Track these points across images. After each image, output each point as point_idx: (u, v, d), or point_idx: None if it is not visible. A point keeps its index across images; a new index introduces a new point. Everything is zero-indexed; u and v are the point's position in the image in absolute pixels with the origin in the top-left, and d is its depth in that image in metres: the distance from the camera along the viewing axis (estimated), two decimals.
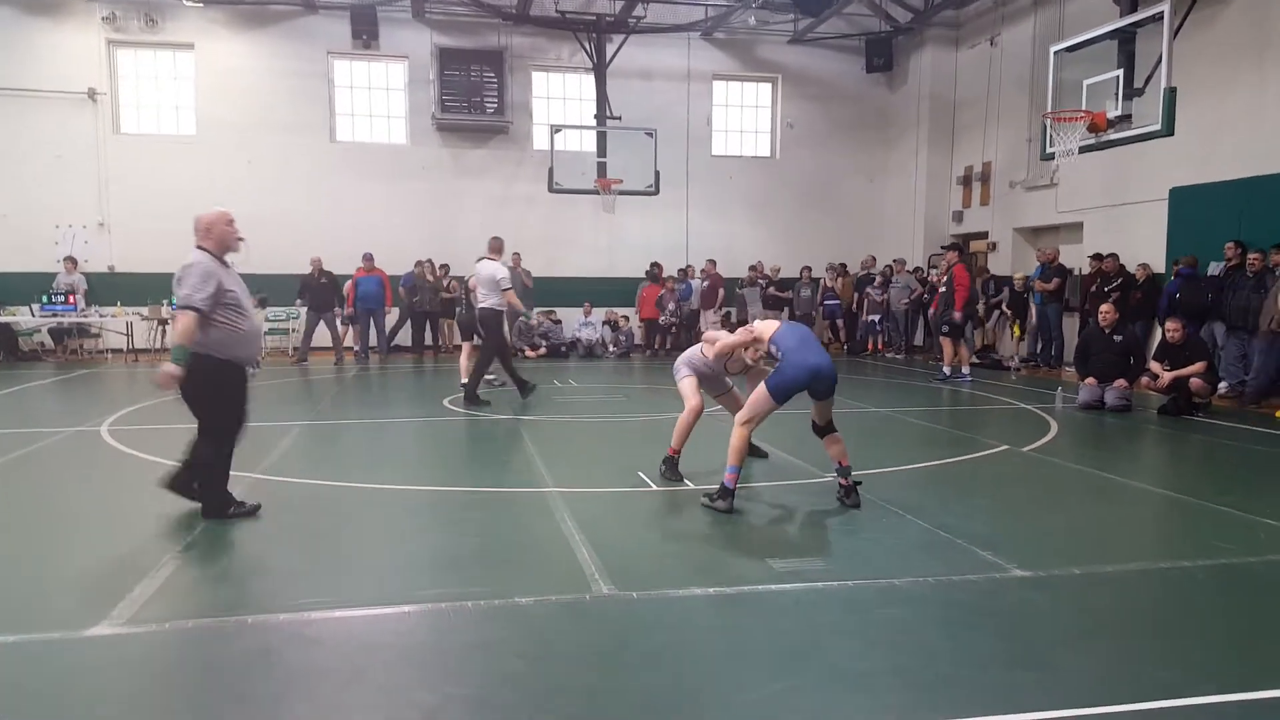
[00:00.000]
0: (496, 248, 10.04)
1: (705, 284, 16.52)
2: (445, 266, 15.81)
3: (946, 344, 12.07)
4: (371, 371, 13.50)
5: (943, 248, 12.85)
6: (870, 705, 2.80)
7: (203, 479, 4.79)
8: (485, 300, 9.50)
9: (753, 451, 6.47)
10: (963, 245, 12.88)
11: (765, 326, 5.46)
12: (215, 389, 4.67)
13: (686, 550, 4.46)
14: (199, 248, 4.74)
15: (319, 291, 14.28)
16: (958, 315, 11.82)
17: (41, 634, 3.26)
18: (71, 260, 14.91)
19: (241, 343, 4.71)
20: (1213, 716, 2.75)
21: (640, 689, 2.91)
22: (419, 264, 15.58)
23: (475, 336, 10.08)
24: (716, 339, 5.90)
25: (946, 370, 11.94)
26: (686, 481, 5.77)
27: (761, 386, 5.11)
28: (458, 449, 7.49)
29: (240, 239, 4.89)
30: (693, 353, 6.10)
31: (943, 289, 12.23)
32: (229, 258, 4.87)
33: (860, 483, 5.33)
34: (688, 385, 5.99)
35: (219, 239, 4.75)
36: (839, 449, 5.30)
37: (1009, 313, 13.91)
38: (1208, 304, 10.64)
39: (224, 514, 4.78)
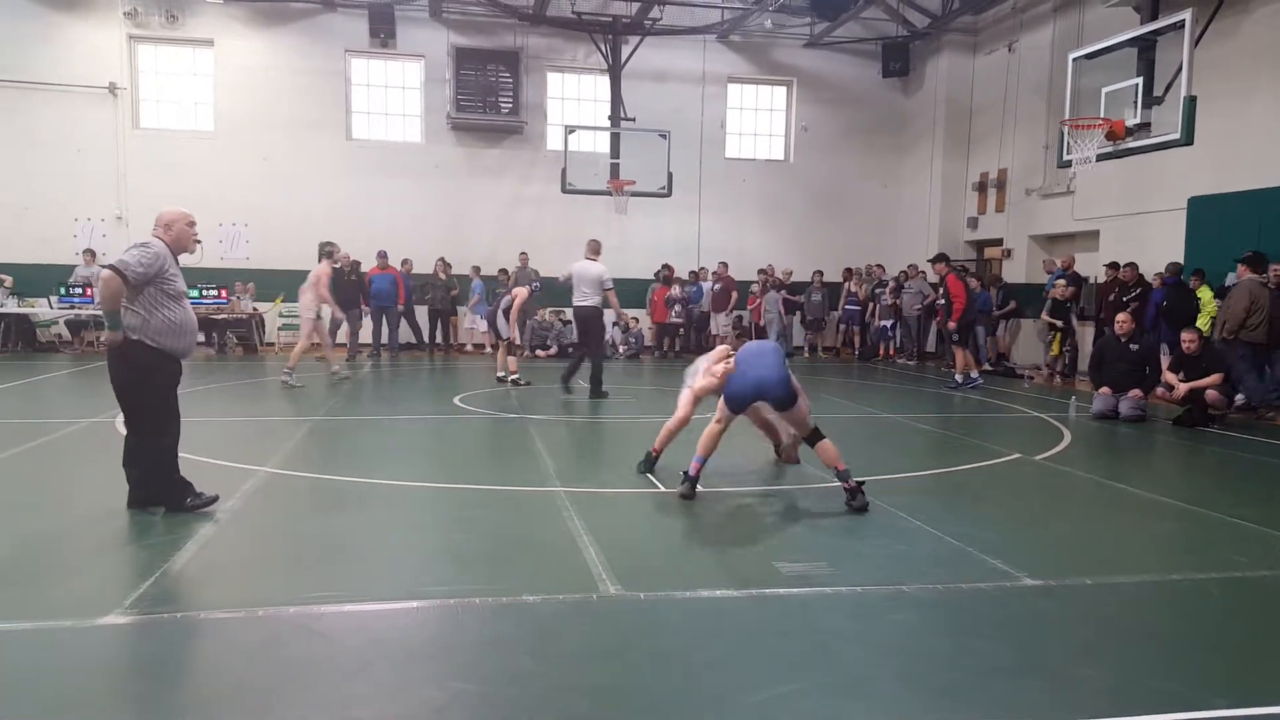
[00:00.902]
0: (596, 249, 10.37)
1: (718, 287, 16.51)
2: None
3: (959, 353, 12.06)
4: (383, 369, 13.55)
5: (930, 260, 12.76)
6: (876, 712, 2.79)
7: (154, 473, 4.78)
8: (589, 299, 9.98)
9: (789, 458, 6.47)
10: (948, 255, 12.82)
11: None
12: (144, 376, 4.71)
13: (694, 552, 4.46)
14: (158, 238, 4.86)
15: (347, 288, 14.39)
16: (952, 325, 11.81)
17: (54, 621, 3.29)
18: (90, 253, 15.04)
19: (175, 333, 4.75)
20: None
21: (646, 689, 2.91)
22: (441, 262, 15.73)
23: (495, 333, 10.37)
24: (699, 383, 5.84)
25: (959, 378, 11.88)
26: (656, 483, 5.79)
27: (721, 401, 5.52)
28: (467, 447, 7.51)
29: (198, 241, 5.06)
30: (699, 367, 6.07)
31: (942, 301, 12.20)
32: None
33: (864, 483, 5.31)
34: (686, 396, 6.02)
35: (177, 237, 4.89)
36: (831, 454, 5.34)
37: (1057, 324, 12.92)
38: (1195, 312, 10.73)
39: (181, 504, 4.77)
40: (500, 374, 11.33)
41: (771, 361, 5.50)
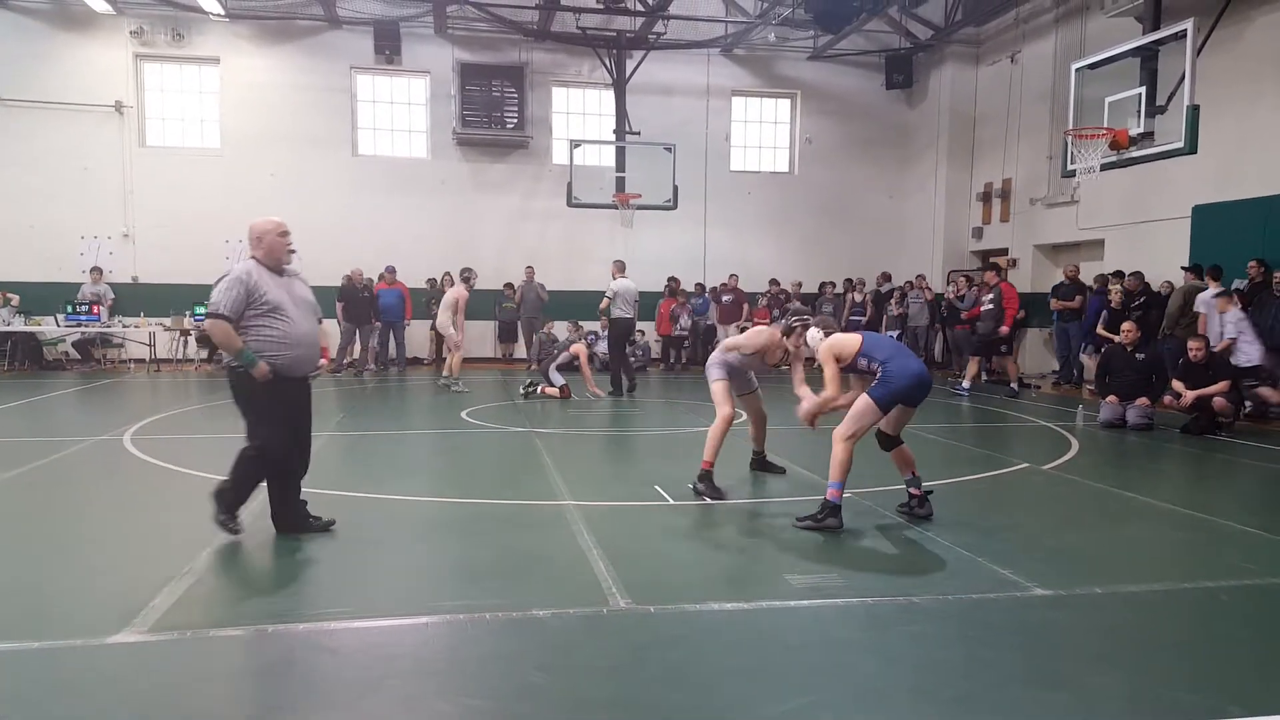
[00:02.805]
0: (623, 267, 12.24)
1: (729, 299, 16.49)
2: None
3: (973, 363, 12.13)
4: (390, 383, 13.57)
5: (980, 267, 12.90)
6: None
7: (237, 473, 4.66)
8: (627, 311, 11.79)
9: (768, 468, 6.49)
10: (999, 265, 13.03)
11: (846, 340, 5.24)
12: (248, 397, 4.61)
13: (704, 565, 4.45)
14: (251, 256, 4.69)
15: (359, 303, 14.48)
16: (1005, 331, 11.94)
17: (64, 640, 3.29)
18: (97, 271, 15.13)
19: (276, 350, 4.57)
20: None
21: (657, 703, 2.90)
22: (447, 276, 15.75)
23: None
24: (738, 344, 5.90)
25: (1014, 386, 12.09)
26: (665, 496, 5.77)
27: (865, 399, 4.93)
28: (475, 461, 7.51)
29: (292, 250, 4.84)
30: (723, 353, 6.10)
31: (989, 306, 12.21)
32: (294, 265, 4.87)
33: (931, 491, 5.31)
34: (720, 390, 5.95)
35: (269, 249, 4.68)
36: (908, 458, 5.29)
37: (1113, 338, 12.15)
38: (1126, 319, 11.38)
39: (220, 514, 4.62)
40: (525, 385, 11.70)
41: (911, 352, 5.13)
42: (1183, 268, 11.32)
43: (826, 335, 5.34)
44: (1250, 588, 4.15)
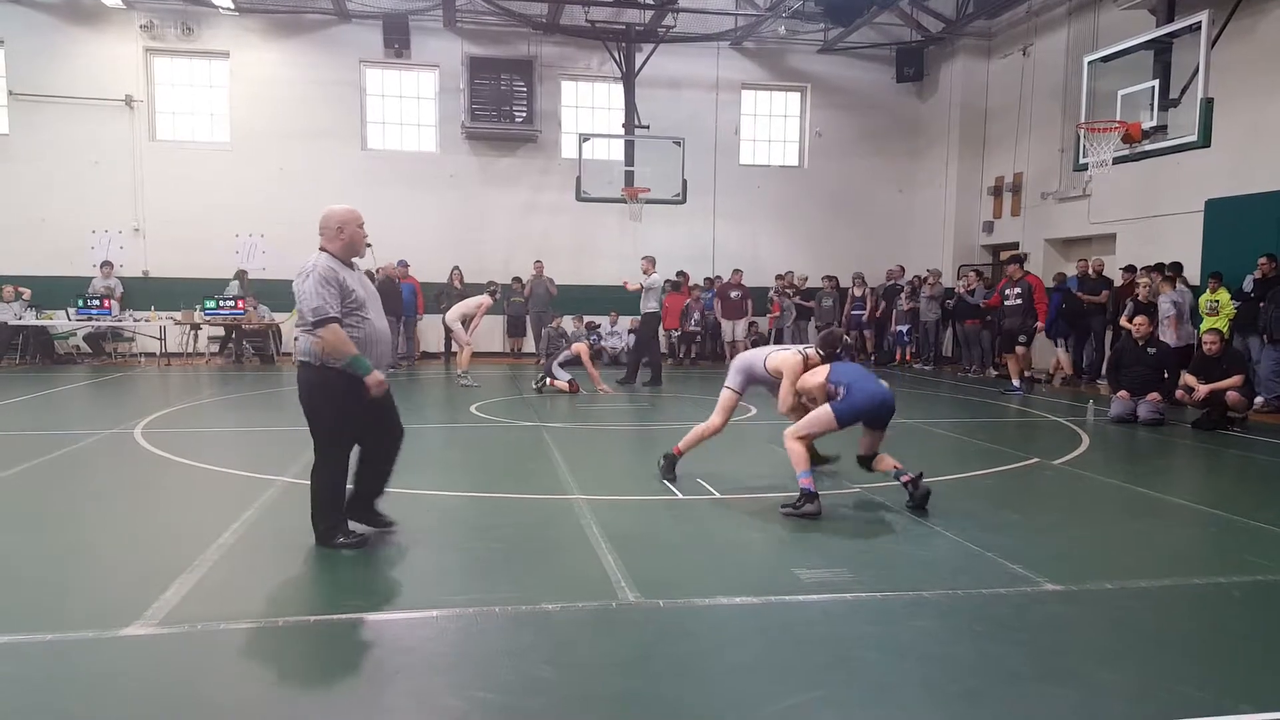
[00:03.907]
0: (655, 262, 12.83)
1: (737, 294, 16.43)
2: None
3: (1012, 359, 12.01)
4: (401, 378, 13.61)
5: (1004, 261, 12.85)
6: (896, 718, 2.77)
7: (317, 501, 4.41)
8: (657, 306, 12.59)
9: (821, 460, 6.36)
10: (1022, 257, 12.92)
11: (815, 373, 5.62)
12: (326, 399, 4.27)
13: (713, 559, 4.44)
14: (322, 249, 4.32)
15: (390, 297, 14.62)
16: (1040, 325, 11.79)
17: (75, 633, 3.31)
18: (108, 265, 15.21)
19: (365, 351, 4.27)
20: None
21: (666, 698, 2.90)
22: (456, 271, 15.81)
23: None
24: (798, 379, 5.73)
25: (1017, 384, 11.84)
26: (675, 490, 5.80)
27: (826, 409, 5.33)
28: (484, 456, 7.52)
29: (368, 244, 4.56)
30: (756, 363, 5.98)
31: (1016, 301, 11.90)
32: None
33: (922, 473, 5.37)
34: (726, 400, 6.01)
35: (349, 240, 4.34)
36: (887, 461, 5.47)
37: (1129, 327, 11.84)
38: (1084, 313, 12.22)
39: (330, 542, 4.37)
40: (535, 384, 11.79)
41: (877, 378, 5.52)
42: (1146, 268, 11.74)
43: (806, 362, 5.71)
44: (1263, 583, 4.12)
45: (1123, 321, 11.28)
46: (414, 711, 2.78)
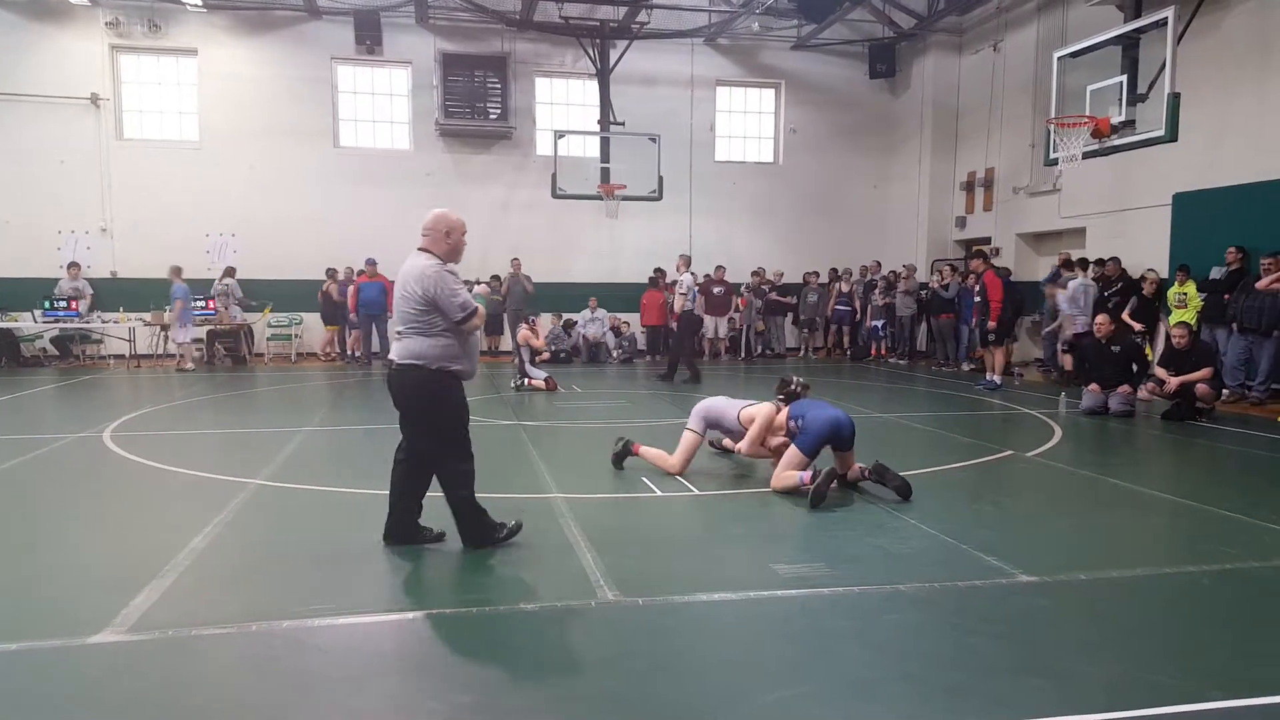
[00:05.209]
0: (689, 261, 13.01)
1: (719, 290, 16.38)
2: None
3: (993, 354, 11.96)
4: (374, 377, 13.49)
5: (966, 256, 12.83)
6: (878, 712, 2.78)
7: (463, 509, 4.37)
8: (689, 305, 12.59)
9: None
10: (988, 252, 12.91)
11: (772, 412, 6.01)
12: (452, 403, 4.31)
13: (691, 556, 4.44)
14: (427, 250, 4.32)
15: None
16: (992, 326, 11.61)
17: (44, 641, 3.25)
18: (75, 266, 14.94)
19: (470, 354, 4.35)
20: None
21: (646, 696, 2.89)
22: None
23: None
24: (769, 424, 6.03)
25: (996, 379, 11.75)
26: (653, 488, 5.82)
27: (793, 448, 5.64)
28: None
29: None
30: (727, 415, 6.18)
31: (977, 299, 11.93)
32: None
33: (877, 462, 5.61)
34: (688, 442, 6.17)
35: (454, 247, 4.35)
36: (855, 469, 5.72)
37: (1140, 327, 11.45)
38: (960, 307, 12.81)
39: (494, 540, 4.38)
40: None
41: (830, 406, 5.82)
42: (1067, 261, 12.66)
43: (779, 410, 6.03)
44: (1231, 572, 4.19)
45: (1124, 317, 11.37)
46: (392, 715, 2.75)
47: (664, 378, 12.51)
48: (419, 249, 4.36)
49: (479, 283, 12.67)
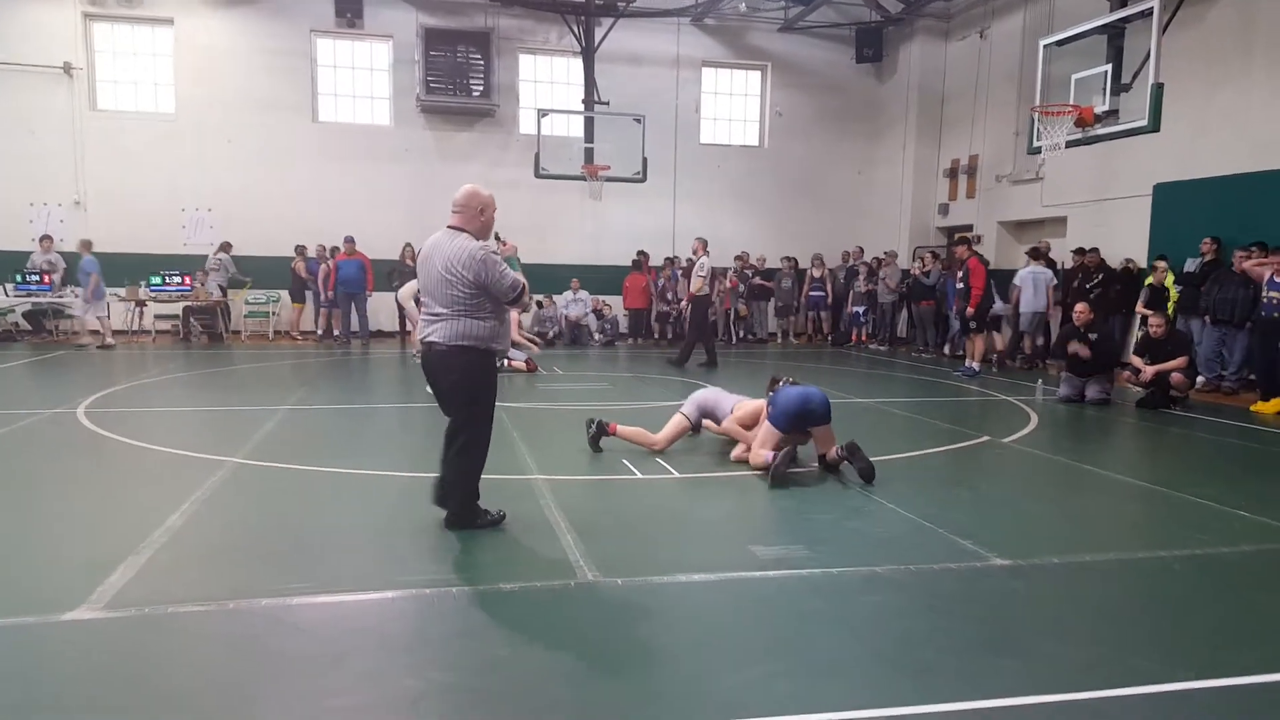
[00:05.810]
0: (706, 244, 12.52)
1: (706, 275, 16.30)
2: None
3: (973, 341, 11.96)
4: (353, 356, 13.40)
5: (950, 243, 12.82)
6: (852, 691, 2.81)
7: (465, 486, 4.41)
8: (705, 289, 12.35)
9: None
10: (971, 239, 12.87)
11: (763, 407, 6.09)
12: (489, 382, 4.38)
13: (670, 538, 4.46)
14: (460, 229, 4.28)
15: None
16: (971, 312, 11.63)
17: (18, 618, 3.21)
18: (47, 239, 14.66)
19: (506, 333, 4.42)
20: (1189, 703, 2.78)
21: (624, 675, 2.91)
22: (409, 247, 15.55)
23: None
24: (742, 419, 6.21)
25: (975, 366, 11.77)
26: (634, 470, 5.83)
27: (767, 425, 5.78)
28: (440, 435, 7.42)
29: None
30: (722, 407, 6.31)
31: (960, 285, 11.92)
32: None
33: (852, 441, 5.60)
34: (676, 424, 6.31)
35: (486, 225, 4.34)
36: (832, 451, 5.73)
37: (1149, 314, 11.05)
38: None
39: (474, 523, 4.39)
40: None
41: (807, 385, 5.96)
42: (1027, 252, 12.98)
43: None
44: (1201, 557, 4.26)
45: (1139, 308, 11.22)
46: (369, 692, 2.75)
47: (675, 363, 12.26)
48: (451, 226, 4.31)
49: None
